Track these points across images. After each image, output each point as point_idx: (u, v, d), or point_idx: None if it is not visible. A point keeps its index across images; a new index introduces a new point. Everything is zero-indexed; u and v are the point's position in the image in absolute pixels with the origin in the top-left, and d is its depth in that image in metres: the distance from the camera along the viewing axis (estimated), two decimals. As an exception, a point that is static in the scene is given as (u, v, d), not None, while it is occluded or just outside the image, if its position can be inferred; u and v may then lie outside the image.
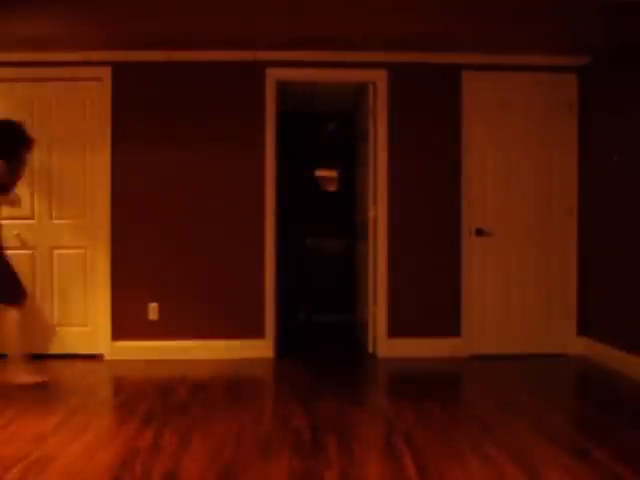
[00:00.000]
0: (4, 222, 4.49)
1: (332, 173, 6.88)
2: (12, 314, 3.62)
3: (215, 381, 3.88)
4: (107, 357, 4.46)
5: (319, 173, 6.87)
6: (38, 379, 3.69)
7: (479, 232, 4.60)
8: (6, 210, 4.19)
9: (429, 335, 4.59)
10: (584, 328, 4.61)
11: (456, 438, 2.88)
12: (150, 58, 4.45)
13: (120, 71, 4.47)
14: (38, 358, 4.35)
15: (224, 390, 3.66)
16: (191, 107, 4.52)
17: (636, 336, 3.96)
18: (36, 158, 4.50)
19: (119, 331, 4.47)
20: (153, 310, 4.47)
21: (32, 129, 4.48)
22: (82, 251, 4.52)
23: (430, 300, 4.59)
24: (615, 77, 4.28)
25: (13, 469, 2.42)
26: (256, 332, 4.52)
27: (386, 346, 4.58)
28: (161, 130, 4.49)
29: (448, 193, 4.59)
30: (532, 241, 4.64)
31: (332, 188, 6.88)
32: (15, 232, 4.46)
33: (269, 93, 4.53)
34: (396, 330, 4.58)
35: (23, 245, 4.48)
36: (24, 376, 3.66)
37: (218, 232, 4.53)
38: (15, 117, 4.49)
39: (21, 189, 4.49)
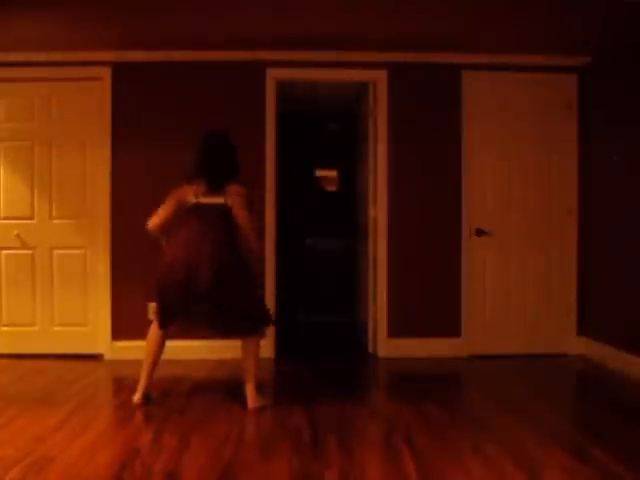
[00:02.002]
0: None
1: (332, 173, 6.89)
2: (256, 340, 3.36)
3: (215, 381, 3.88)
4: (107, 357, 4.46)
5: (319, 173, 6.88)
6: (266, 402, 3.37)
7: (479, 232, 4.60)
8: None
9: (429, 335, 4.58)
10: (584, 328, 4.61)
11: (456, 438, 2.88)
12: (150, 58, 4.45)
13: (120, 71, 4.47)
14: (38, 358, 4.37)
15: (224, 390, 3.65)
16: (191, 107, 4.51)
17: (636, 336, 3.96)
18: (36, 158, 4.52)
19: (119, 331, 4.47)
20: (153, 310, 4.45)
21: (32, 129, 4.53)
22: (82, 251, 4.51)
23: (430, 300, 4.59)
24: (615, 77, 4.28)
25: (13, 469, 2.42)
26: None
27: (386, 346, 4.57)
28: (161, 130, 4.49)
29: (448, 193, 4.59)
30: (532, 241, 4.64)
31: (332, 188, 6.88)
32: (15, 232, 4.47)
33: (269, 93, 4.52)
34: (396, 330, 4.58)
35: (23, 245, 4.49)
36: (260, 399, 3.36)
37: (218, 232, 4.52)
38: (15, 117, 4.54)
39: (21, 189, 4.51)
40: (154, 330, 3.42)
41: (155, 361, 3.42)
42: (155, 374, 3.54)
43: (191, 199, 3.33)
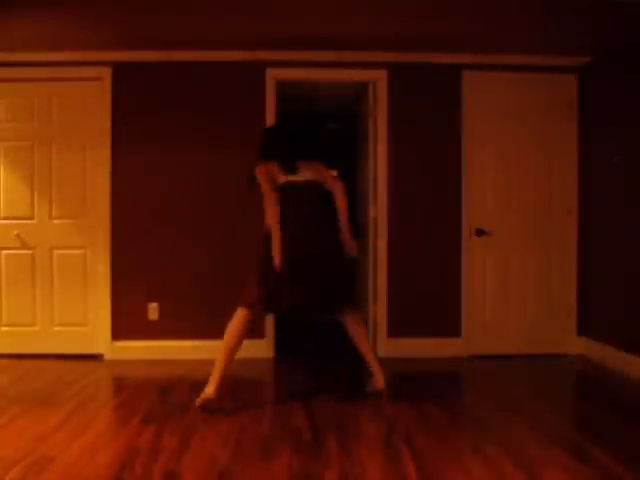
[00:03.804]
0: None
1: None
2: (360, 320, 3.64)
3: (215, 381, 3.87)
4: (107, 357, 4.46)
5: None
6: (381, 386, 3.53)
7: (479, 232, 4.60)
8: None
9: (429, 335, 4.59)
10: (584, 328, 4.61)
11: (456, 438, 2.88)
12: (150, 58, 4.45)
13: (120, 71, 4.47)
14: (38, 358, 4.37)
15: (224, 390, 3.65)
16: (191, 107, 4.52)
17: (636, 336, 3.96)
18: (36, 158, 4.52)
19: (119, 331, 4.47)
20: (153, 310, 4.47)
21: (32, 129, 4.53)
22: (82, 251, 4.52)
23: (430, 300, 4.59)
24: (615, 77, 4.28)
25: (13, 469, 2.42)
26: (256, 332, 4.51)
27: (386, 346, 4.57)
28: (161, 130, 4.49)
29: (448, 193, 4.59)
30: (532, 241, 4.64)
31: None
32: (15, 232, 4.47)
33: (269, 93, 4.52)
34: (396, 330, 4.58)
35: (23, 245, 4.49)
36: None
37: (218, 232, 4.53)
38: (15, 117, 4.54)
39: (21, 189, 4.52)
40: (242, 317, 3.40)
41: (235, 351, 3.41)
42: (155, 373, 3.55)
43: (280, 179, 3.40)
